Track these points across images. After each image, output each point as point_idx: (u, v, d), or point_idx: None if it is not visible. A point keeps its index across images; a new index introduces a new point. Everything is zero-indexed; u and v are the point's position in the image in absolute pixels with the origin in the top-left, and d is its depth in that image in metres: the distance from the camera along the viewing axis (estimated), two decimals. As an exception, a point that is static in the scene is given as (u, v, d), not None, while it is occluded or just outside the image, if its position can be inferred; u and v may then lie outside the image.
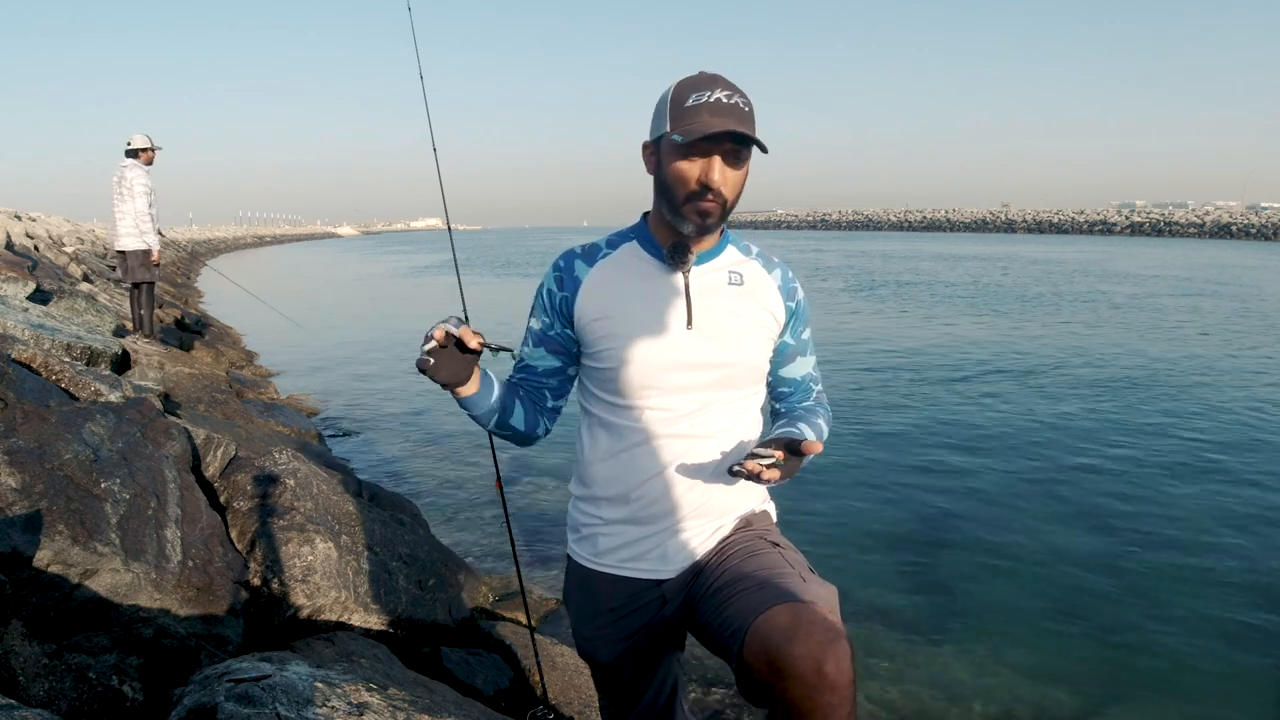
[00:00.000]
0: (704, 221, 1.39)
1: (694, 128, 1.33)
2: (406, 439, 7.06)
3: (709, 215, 1.38)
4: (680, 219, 1.41)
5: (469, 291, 2.49)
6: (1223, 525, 4.95)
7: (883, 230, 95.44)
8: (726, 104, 1.34)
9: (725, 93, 1.35)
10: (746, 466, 1.32)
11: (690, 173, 1.36)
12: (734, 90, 1.36)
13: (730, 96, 1.35)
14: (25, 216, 22.43)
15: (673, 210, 1.41)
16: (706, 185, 1.36)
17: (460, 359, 1.35)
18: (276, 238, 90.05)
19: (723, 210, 1.39)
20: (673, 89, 1.38)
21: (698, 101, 1.34)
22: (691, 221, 1.39)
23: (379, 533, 3.21)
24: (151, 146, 7.22)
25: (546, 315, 1.52)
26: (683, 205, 1.39)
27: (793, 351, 1.57)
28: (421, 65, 2.61)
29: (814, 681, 1.14)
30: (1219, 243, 60.05)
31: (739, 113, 1.34)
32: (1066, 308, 16.77)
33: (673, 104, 1.37)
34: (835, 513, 5.19)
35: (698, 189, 1.36)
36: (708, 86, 1.36)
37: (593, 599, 1.55)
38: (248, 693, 1.71)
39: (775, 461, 1.33)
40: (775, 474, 1.33)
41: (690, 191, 1.37)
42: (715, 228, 1.42)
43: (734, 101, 1.35)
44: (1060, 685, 3.34)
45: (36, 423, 2.42)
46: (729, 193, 1.38)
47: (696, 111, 1.34)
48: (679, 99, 1.36)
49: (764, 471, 1.32)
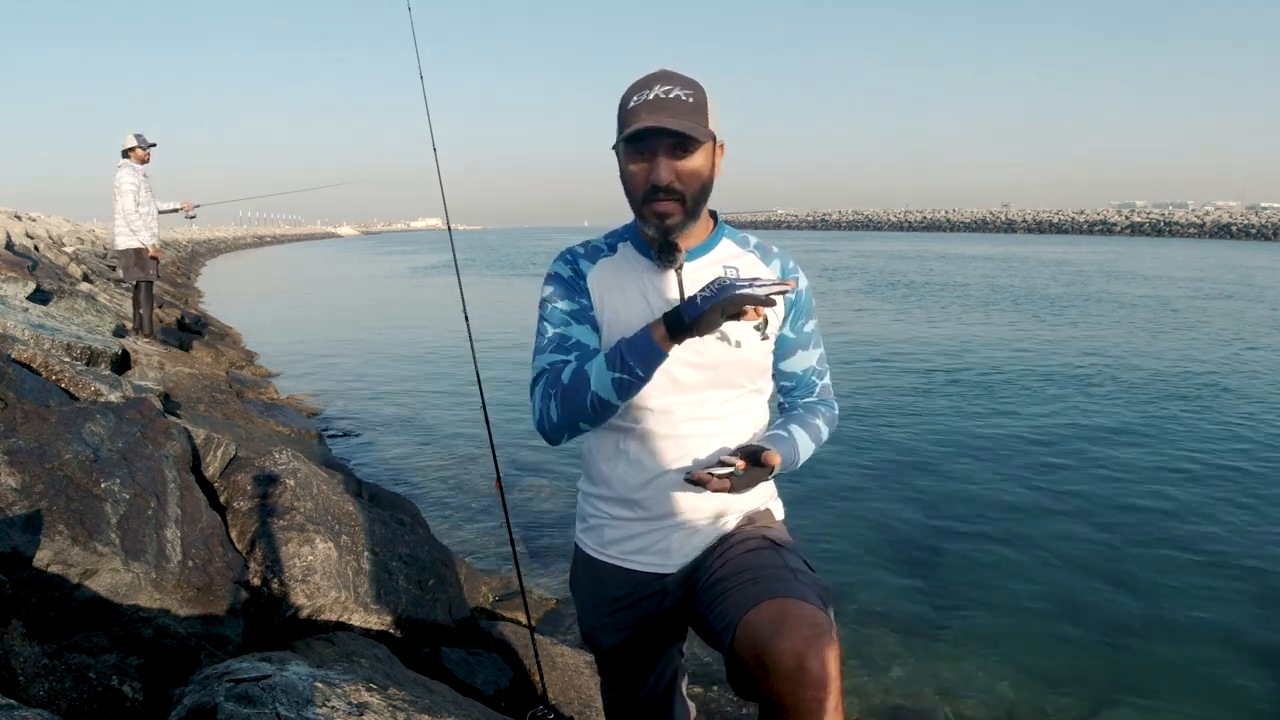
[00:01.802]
0: (663, 222, 1.37)
1: (629, 128, 1.32)
2: (406, 439, 7.06)
3: (668, 215, 1.36)
4: (643, 221, 1.40)
5: (470, 293, 2.50)
6: (1223, 526, 4.95)
7: (883, 230, 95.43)
8: (664, 99, 1.33)
9: (664, 87, 1.34)
10: (696, 475, 1.31)
11: (639, 175, 1.36)
12: (675, 83, 1.35)
13: (669, 90, 1.33)
14: (25, 216, 22.43)
15: (637, 214, 1.41)
16: (655, 184, 1.34)
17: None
18: (276, 238, 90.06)
19: (684, 207, 1.36)
20: (623, 93, 1.38)
21: (637, 102, 1.34)
22: (652, 224, 1.38)
23: (379, 533, 3.20)
24: (141, 145, 7.20)
25: (572, 296, 1.47)
26: (641, 208, 1.38)
27: (793, 345, 1.54)
28: (421, 65, 2.61)
29: (797, 677, 1.15)
30: (1219, 243, 60.04)
31: (678, 105, 1.32)
32: (1076, 309, 16.76)
33: (620, 108, 1.37)
34: (838, 512, 5.19)
35: (649, 189, 1.35)
36: (647, 85, 1.35)
37: (597, 588, 1.57)
38: (248, 693, 1.71)
39: (733, 472, 1.31)
40: (725, 485, 1.31)
41: (644, 193, 1.36)
42: (679, 228, 1.38)
43: (672, 95, 1.33)
44: (1060, 685, 3.34)
45: (36, 423, 2.42)
46: (685, 186, 1.35)
47: (635, 112, 1.33)
48: (624, 102, 1.36)
49: (712, 481, 1.30)
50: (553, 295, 1.48)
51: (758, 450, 1.35)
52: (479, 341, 2.84)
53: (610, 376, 1.31)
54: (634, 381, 1.31)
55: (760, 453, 1.34)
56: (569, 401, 1.36)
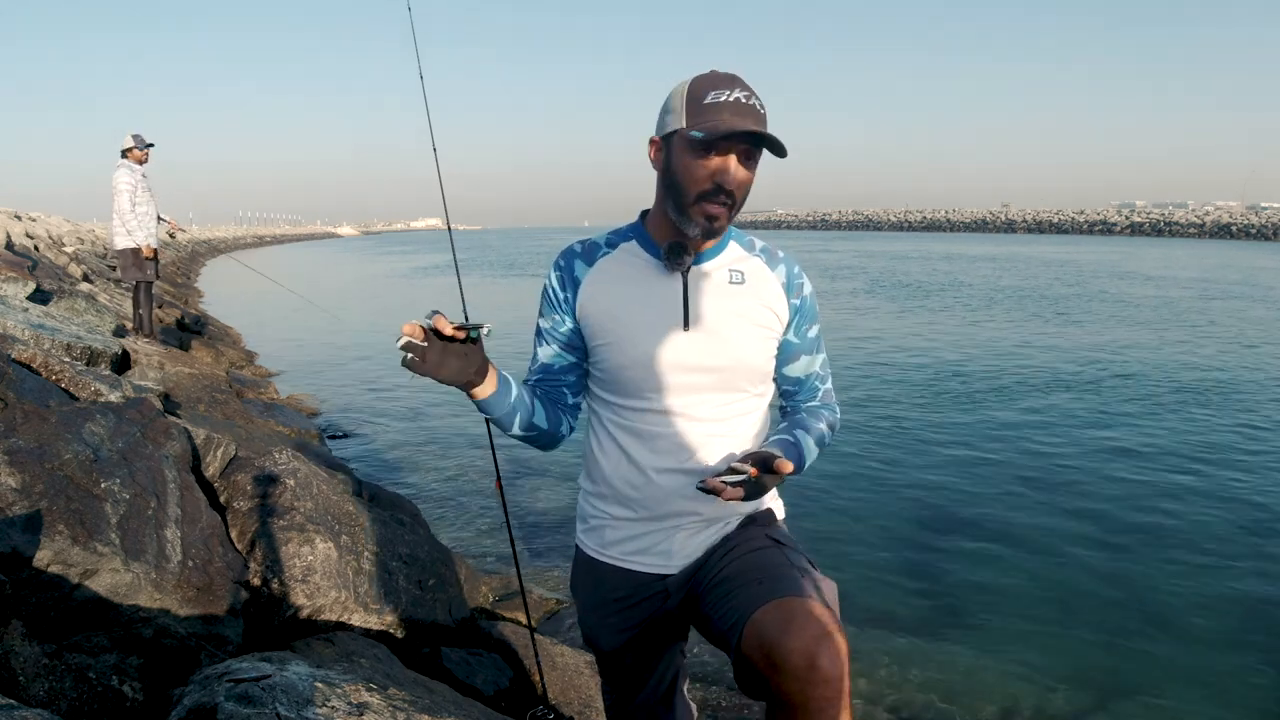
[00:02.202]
0: (711, 225, 1.37)
1: (714, 125, 1.31)
2: (406, 439, 7.05)
3: (717, 218, 1.36)
4: (686, 219, 1.38)
5: (471, 294, 2.49)
6: (1224, 526, 4.95)
7: (883, 230, 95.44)
8: (745, 104, 1.33)
9: (744, 93, 1.34)
10: (709, 484, 1.31)
11: (704, 170, 1.34)
12: (751, 92, 1.36)
13: (749, 98, 1.34)
14: (25, 216, 22.43)
15: (679, 209, 1.38)
16: (721, 185, 1.34)
17: (457, 352, 1.29)
18: (276, 238, 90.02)
19: (729, 213, 1.37)
20: (689, 85, 1.37)
21: (717, 99, 1.33)
22: (698, 223, 1.37)
23: (379, 533, 3.20)
24: (139, 145, 7.18)
25: (555, 313, 1.50)
26: (692, 205, 1.36)
27: (797, 350, 1.53)
28: (421, 65, 2.61)
29: (807, 675, 1.15)
30: (1219, 243, 60.03)
31: (757, 114, 1.34)
32: (1079, 309, 16.76)
33: (689, 100, 1.35)
34: (839, 511, 5.19)
35: (711, 188, 1.34)
36: (726, 86, 1.34)
37: (598, 588, 1.56)
38: (248, 693, 1.71)
39: (746, 479, 1.31)
40: (739, 493, 1.31)
41: (703, 190, 1.35)
42: (721, 231, 1.40)
43: (752, 103, 1.34)
44: (1060, 685, 3.34)
45: (36, 423, 2.42)
46: (739, 194, 1.36)
47: (717, 109, 1.32)
48: (697, 95, 1.35)
49: (726, 490, 1.30)
50: (541, 308, 1.54)
51: (770, 457, 1.33)
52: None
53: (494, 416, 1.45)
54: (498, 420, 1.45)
55: (772, 459, 1.32)
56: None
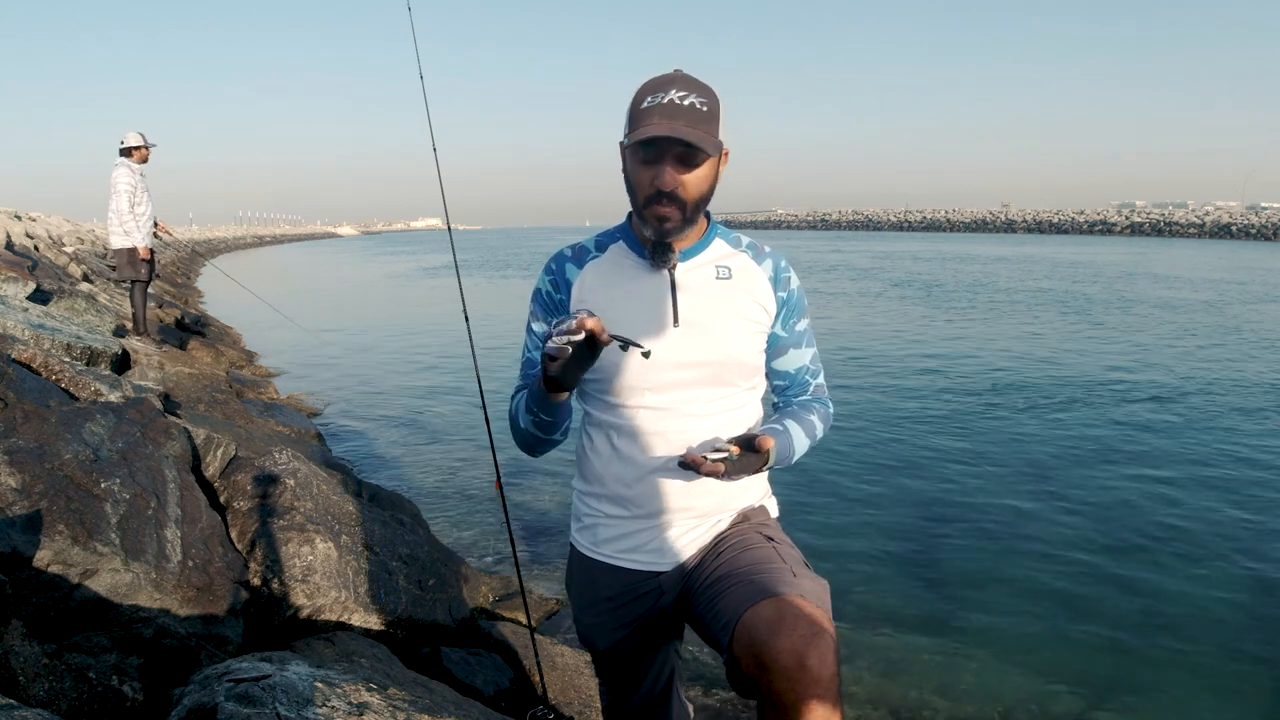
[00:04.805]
0: (661, 226, 1.38)
1: (641, 132, 1.32)
2: (406, 439, 7.06)
3: (666, 220, 1.37)
4: (643, 222, 1.41)
5: (471, 294, 2.49)
6: (1225, 526, 4.95)
7: (883, 230, 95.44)
8: (680, 105, 1.32)
9: (680, 93, 1.32)
10: (689, 457, 1.33)
11: (645, 176, 1.36)
12: (691, 89, 1.34)
13: (685, 97, 1.32)
14: (25, 216, 22.44)
15: (637, 213, 1.42)
16: (660, 190, 1.35)
17: (588, 357, 1.25)
18: (276, 238, 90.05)
19: (683, 214, 1.38)
20: (636, 90, 1.37)
21: (651, 104, 1.33)
22: (651, 226, 1.39)
23: (379, 533, 3.21)
24: (143, 145, 7.17)
25: (545, 315, 1.52)
26: (644, 209, 1.39)
27: (785, 344, 1.54)
28: (421, 65, 2.61)
29: (796, 675, 1.16)
30: (1220, 243, 60.01)
31: (692, 113, 1.32)
32: (1081, 308, 16.75)
33: (630, 107, 1.37)
34: (837, 510, 5.19)
35: (653, 193, 1.36)
36: (663, 87, 1.34)
37: (592, 587, 1.57)
38: (248, 693, 1.71)
39: (727, 456, 1.33)
40: (719, 468, 1.32)
41: (647, 196, 1.37)
42: (676, 232, 1.40)
43: (688, 102, 1.32)
44: (1060, 685, 3.34)
45: (36, 423, 2.42)
46: (687, 194, 1.36)
47: (649, 114, 1.32)
48: (637, 101, 1.36)
49: (705, 464, 1.32)
50: (531, 313, 1.55)
51: (751, 436, 1.37)
52: (479, 342, 2.85)
53: (529, 419, 1.42)
54: (550, 423, 1.40)
55: (753, 438, 1.36)
56: (514, 431, 1.51)
